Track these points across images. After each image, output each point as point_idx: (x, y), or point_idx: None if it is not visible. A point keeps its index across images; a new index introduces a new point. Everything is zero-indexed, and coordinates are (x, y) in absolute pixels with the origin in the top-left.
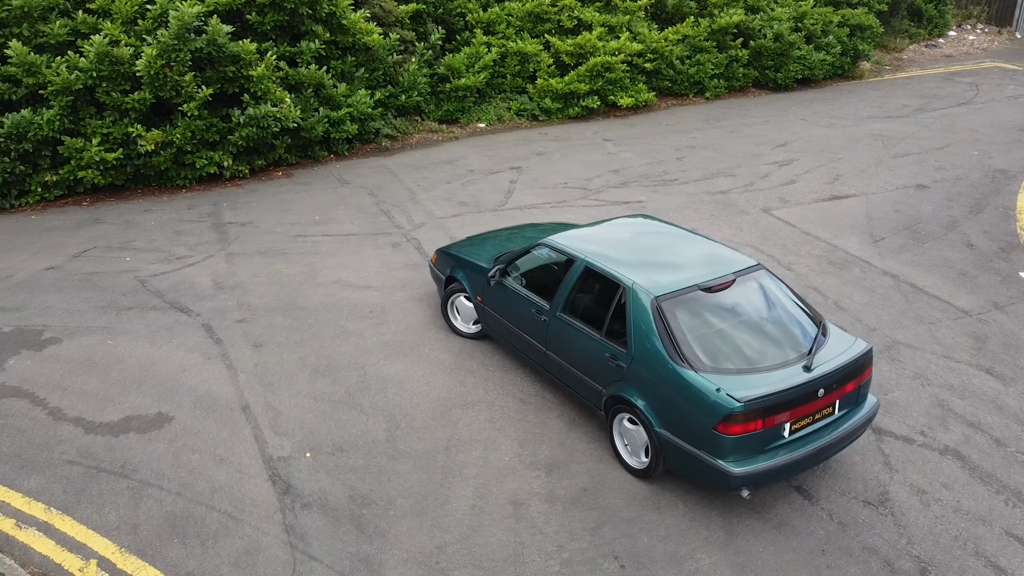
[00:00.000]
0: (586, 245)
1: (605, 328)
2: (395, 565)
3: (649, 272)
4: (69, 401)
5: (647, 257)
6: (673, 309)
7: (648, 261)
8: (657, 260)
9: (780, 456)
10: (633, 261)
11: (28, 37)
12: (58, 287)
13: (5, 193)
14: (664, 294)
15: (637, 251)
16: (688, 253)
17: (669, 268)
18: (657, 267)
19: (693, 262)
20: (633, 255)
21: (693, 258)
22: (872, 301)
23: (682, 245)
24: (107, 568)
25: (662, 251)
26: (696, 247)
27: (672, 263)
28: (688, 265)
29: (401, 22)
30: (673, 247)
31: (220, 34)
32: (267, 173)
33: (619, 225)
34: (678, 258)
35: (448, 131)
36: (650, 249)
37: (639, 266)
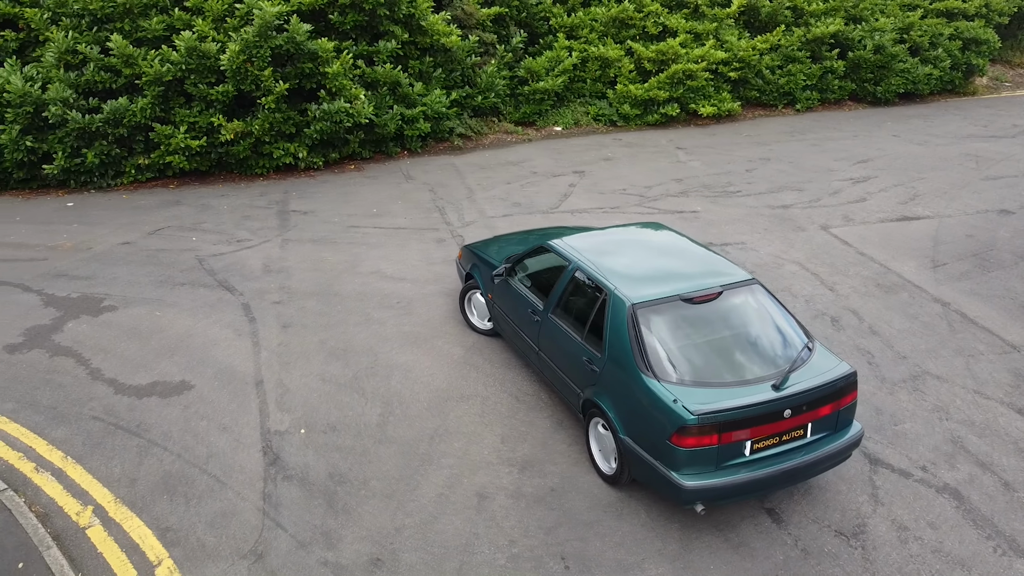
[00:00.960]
0: (583, 250)
1: (586, 332)
2: (352, 541)
3: (635, 280)
4: (108, 363)
5: (640, 265)
6: (648, 317)
7: (639, 269)
8: (649, 269)
9: (738, 474)
10: (624, 268)
11: (129, 32)
12: (127, 260)
13: (103, 173)
14: (642, 302)
15: (632, 259)
16: (683, 264)
17: (658, 277)
18: (646, 275)
19: (685, 273)
20: (626, 262)
21: (686, 269)
22: (912, 328)
23: (680, 256)
24: (100, 515)
25: (657, 260)
26: (693, 259)
27: (663, 273)
28: (679, 276)
29: (482, 25)
30: (670, 257)
31: (299, 32)
32: (340, 166)
33: (625, 232)
34: (671, 268)
35: (523, 133)
36: (646, 258)
37: (628, 273)
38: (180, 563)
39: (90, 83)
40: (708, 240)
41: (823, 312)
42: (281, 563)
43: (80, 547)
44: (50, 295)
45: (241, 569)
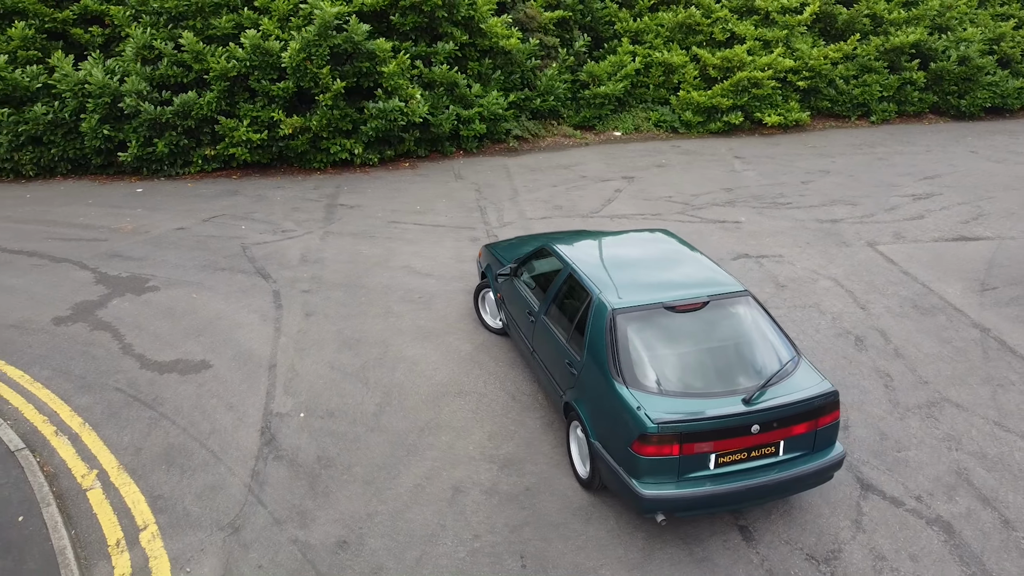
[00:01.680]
0: (579, 253)
1: (570, 335)
2: (324, 523)
3: (623, 285)
4: (140, 339)
5: (633, 271)
6: (627, 323)
7: (630, 275)
8: (641, 275)
9: (700, 487)
10: (614, 273)
11: (200, 29)
12: (178, 245)
13: (172, 162)
14: (623, 308)
15: (626, 264)
16: (677, 272)
17: (646, 285)
18: (635, 282)
19: (675, 282)
20: (619, 268)
21: (678, 278)
22: (941, 353)
23: (676, 264)
24: (103, 479)
25: (652, 267)
26: (688, 268)
27: (653, 280)
28: (669, 284)
29: (545, 28)
30: (666, 265)
31: (358, 33)
32: (395, 163)
33: (627, 238)
34: (663, 276)
35: (581, 137)
36: (642, 264)
37: (616, 279)
38: (163, 529)
39: (163, 77)
40: (743, 252)
41: (848, 331)
42: (254, 537)
43: (78, 507)
44: (103, 273)
45: (217, 539)
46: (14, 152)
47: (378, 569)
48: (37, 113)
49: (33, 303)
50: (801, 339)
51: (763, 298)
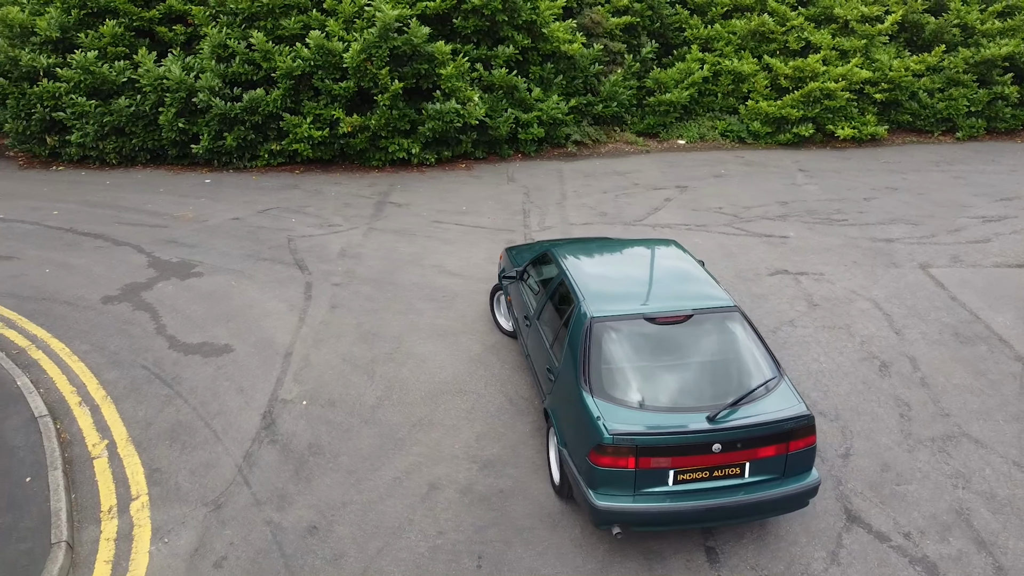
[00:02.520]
0: (578, 260)
1: (553, 341)
2: (299, 508)
3: (608, 294)
4: (174, 322)
5: (623, 280)
6: (603, 333)
7: (620, 284)
8: (630, 285)
9: (657, 503)
10: (604, 282)
11: (270, 29)
12: (230, 234)
13: (240, 155)
14: (601, 316)
15: (620, 273)
16: (669, 284)
17: (633, 295)
18: (622, 291)
19: (664, 293)
20: (611, 276)
21: (668, 290)
22: (973, 385)
23: (670, 276)
24: (110, 450)
25: (646, 278)
26: (682, 280)
27: (642, 291)
28: (656, 295)
29: (611, 34)
30: (661, 276)
31: (417, 35)
32: (452, 164)
33: (632, 247)
34: (654, 287)
35: (643, 144)
36: (635, 273)
37: (604, 287)
38: (153, 500)
39: (235, 74)
40: (782, 268)
41: (875, 356)
42: (233, 515)
43: (83, 473)
44: (156, 258)
45: (199, 514)
46: (99, 141)
47: (340, 556)
48: (121, 105)
49: (89, 282)
50: (820, 362)
51: (791, 317)
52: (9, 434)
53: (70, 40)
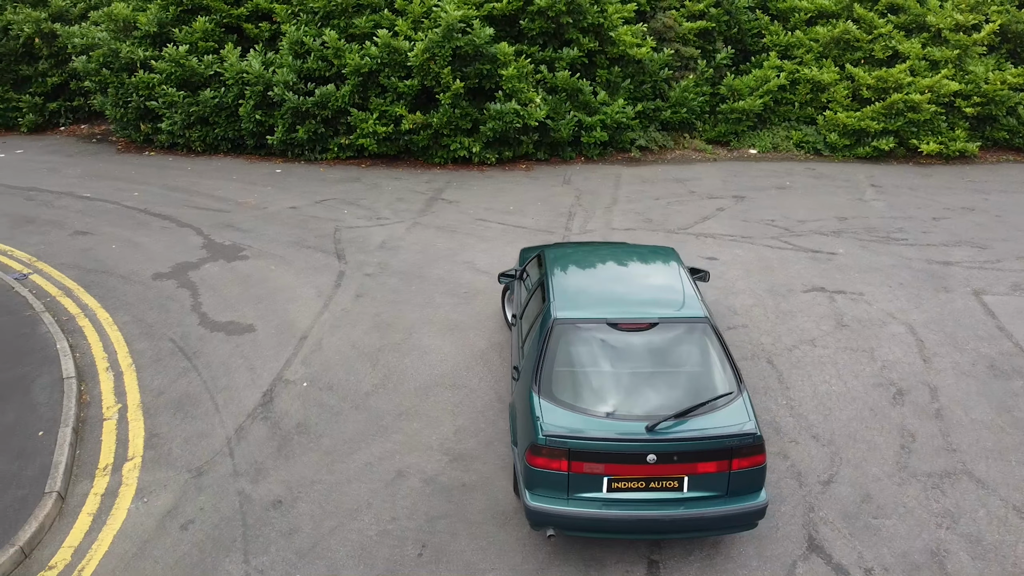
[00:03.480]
0: (564, 262)
1: (524, 340)
2: (271, 482)
3: (582, 298)
4: (209, 300)
5: (600, 285)
6: (564, 334)
7: (596, 288)
8: (606, 290)
9: (590, 509)
10: (583, 286)
11: (343, 28)
12: (283, 222)
13: (311, 148)
14: (564, 318)
15: (601, 278)
16: (644, 292)
17: (605, 300)
18: (595, 295)
19: (636, 300)
20: (592, 281)
21: (642, 297)
22: (993, 422)
23: (652, 284)
24: (121, 414)
25: (624, 283)
26: (661, 289)
27: (615, 296)
28: (628, 301)
29: (684, 39)
30: (640, 283)
31: (480, 36)
32: (512, 164)
33: (620, 251)
34: (629, 293)
35: (712, 152)
36: (615, 278)
37: (578, 290)
38: (145, 463)
39: (310, 70)
40: (819, 285)
41: (892, 382)
42: (210, 483)
43: (92, 433)
44: (211, 240)
45: (180, 479)
46: (186, 129)
47: (294, 531)
48: (206, 97)
49: (147, 259)
50: (830, 384)
51: (813, 336)
52: (36, 392)
53: (166, 35)
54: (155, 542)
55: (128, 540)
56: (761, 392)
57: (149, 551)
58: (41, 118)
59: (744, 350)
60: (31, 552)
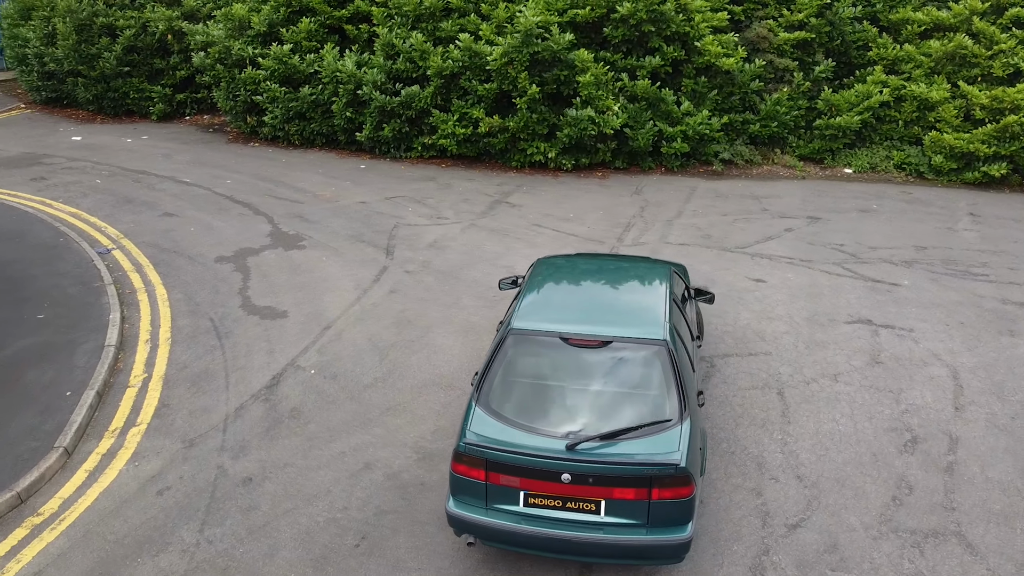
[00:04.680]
0: (549, 274)
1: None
2: (249, 460)
3: (546, 310)
4: (256, 285)
5: (574, 299)
6: (516, 345)
7: (568, 300)
8: (577, 303)
9: (507, 522)
10: (554, 298)
11: (430, 31)
12: (348, 215)
13: (397, 146)
14: (520, 329)
15: (578, 292)
16: (613, 309)
17: (570, 313)
18: (562, 308)
19: (600, 317)
20: (566, 294)
21: (607, 314)
22: (1012, 484)
23: (623, 302)
24: (144, 383)
25: (597, 300)
26: (634, 307)
27: (581, 311)
28: (590, 318)
29: (779, 49)
30: (613, 301)
31: (558, 42)
32: (588, 171)
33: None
34: (596, 309)
35: (802, 169)
36: (594, 292)
37: (550, 303)
38: (149, 430)
39: (398, 71)
40: (866, 317)
41: (908, 428)
42: (197, 454)
43: (113, 397)
44: (278, 229)
45: (173, 447)
46: (286, 123)
47: (252, 508)
48: (304, 94)
49: (216, 242)
50: (837, 423)
51: (839, 371)
52: (78, 356)
53: (274, 34)
54: (132, 503)
55: (110, 498)
56: (758, 425)
57: (124, 510)
58: (169, 108)
59: (757, 379)
60: (27, 499)
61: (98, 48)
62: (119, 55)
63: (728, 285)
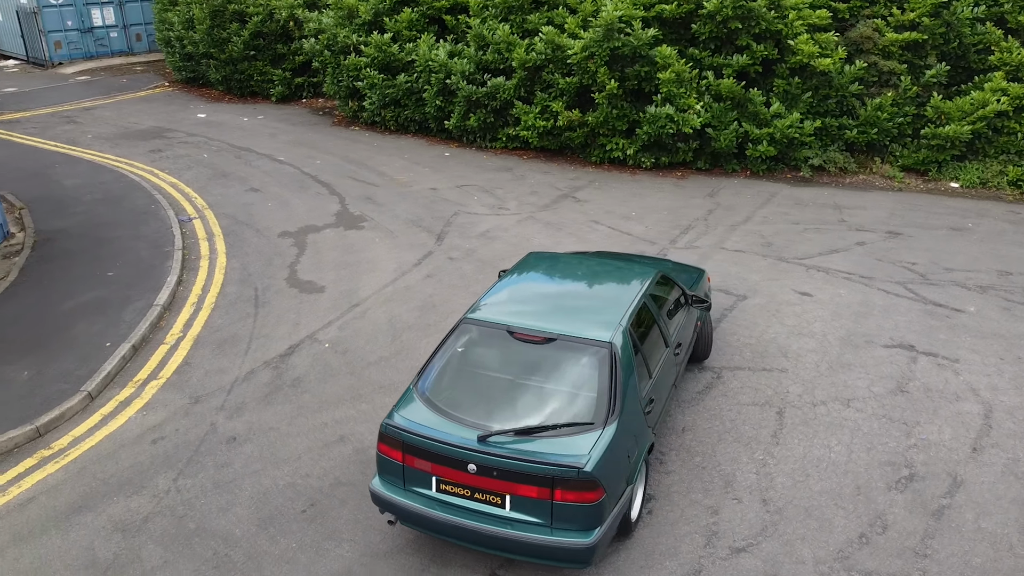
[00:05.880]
0: (532, 269)
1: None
2: (239, 421)
3: (508, 304)
4: (307, 260)
5: (541, 295)
6: (465, 334)
7: (532, 297)
8: (540, 300)
9: (419, 505)
10: (522, 293)
11: (517, 23)
12: (415, 200)
13: (482, 135)
14: (472, 319)
15: (549, 288)
16: (574, 308)
17: (529, 309)
18: (526, 301)
19: (556, 314)
20: (536, 289)
21: (565, 312)
22: (1008, 538)
23: (588, 301)
24: (177, 342)
25: (564, 298)
26: (591, 308)
27: (542, 308)
28: (545, 314)
29: (885, 51)
30: (580, 300)
31: (639, 38)
32: (668, 171)
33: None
34: (557, 307)
35: (901, 181)
36: (562, 292)
37: (516, 298)
38: (167, 384)
39: (487, 62)
40: (909, 343)
41: (910, 464)
42: (198, 410)
43: (147, 351)
44: (345, 209)
45: (180, 402)
46: (382, 109)
47: (226, 465)
48: (400, 81)
49: (286, 218)
50: (830, 449)
51: (853, 396)
52: (128, 312)
53: (378, 23)
54: (128, 448)
55: (112, 442)
56: (742, 442)
57: (119, 454)
58: (288, 91)
59: (761, 395)
60: (45, 433)
61: (228, 33)
62: (246, 40)
63: (769, 296)
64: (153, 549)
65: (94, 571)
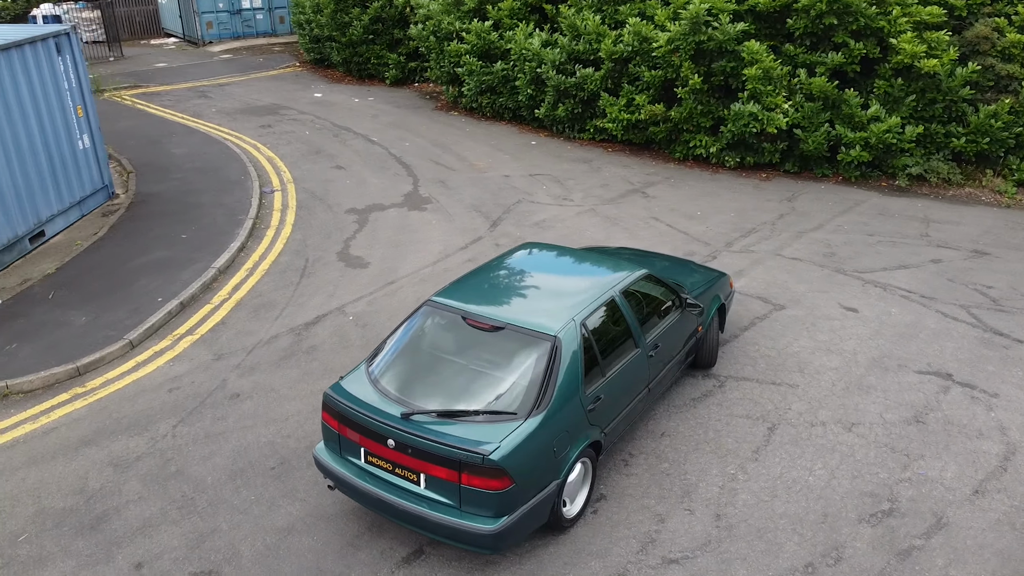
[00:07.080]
0: (520, 258)
1: None
2: (247, 381)
3: (474, 290)
4: (362, 237)
5: (511, 285)
6: (423, 316)
7: (502, 286)
8: (510, 290)
9: (349, 473)
10: (495, 281)
11: (609, 14)
12: (483, 186)
13: (571, 126)
14: (434, 301)
15: (524, 279)
16: (535, 297)
17: (492, 297)
18: (490, 292)
19: (514, 304)
20: (511, 279)
21: (525, 301)
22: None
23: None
24: (222, 303)
25: (532, 286)
26: (559, 301)
27: (507, 297)
28: (504, 303)
29: (1004, 53)
30: (547, 289)
31: (726, 32)
32: (753, 171)
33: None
34: (520, 298)
35: (1012, 197)
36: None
37: (484, 285)
38: (199, 340)
39: (578, 53)
40: (948, 371)
41: (894, 499)
42: (216, 367)
43: (195, 307)
44: (415, 191)
45: (204, 357)
46: (479, 96)
47: (222, 418)
48: (496, 69)
49: (358, 196)
50: (812, 472)
51: (863, 420)
52: (187, 272)
53: (481, 11)
54: (146, 394)
55: (136, 387)
56: (718, 455)
57: (138, 398)
58: (401, 74)
59: (758, 409)
60: (84, 373)
61: (350, 17)
62: (366, 24)
63: (809, 309)
64: (134, 485)
65: (81, 497)
